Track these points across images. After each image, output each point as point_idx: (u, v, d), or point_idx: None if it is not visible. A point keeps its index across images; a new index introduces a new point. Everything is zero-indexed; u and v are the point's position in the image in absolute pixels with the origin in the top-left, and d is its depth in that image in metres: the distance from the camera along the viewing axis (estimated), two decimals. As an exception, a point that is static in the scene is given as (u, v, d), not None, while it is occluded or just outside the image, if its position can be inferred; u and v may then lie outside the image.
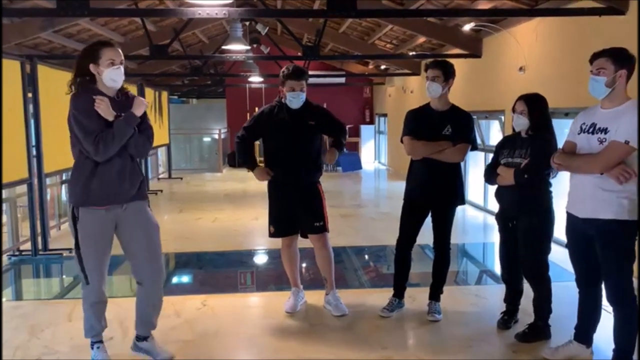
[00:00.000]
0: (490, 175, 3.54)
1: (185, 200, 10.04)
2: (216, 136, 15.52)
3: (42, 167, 5.90)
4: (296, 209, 3.91)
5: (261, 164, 4.02)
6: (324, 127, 3.98)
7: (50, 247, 6.09)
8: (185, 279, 5.56)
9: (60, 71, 6.33)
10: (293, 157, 3.86)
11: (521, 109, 3.37)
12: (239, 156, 4.06)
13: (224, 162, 15.41)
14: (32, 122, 5.76)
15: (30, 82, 5.72)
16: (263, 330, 3.79)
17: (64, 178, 7.99)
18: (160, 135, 12.42)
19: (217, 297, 4.48)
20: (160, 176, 13.53)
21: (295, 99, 3.79)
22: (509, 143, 3.52)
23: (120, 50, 3.00)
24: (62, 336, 3.70)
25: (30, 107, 5.75)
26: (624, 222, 2.80)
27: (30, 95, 5.74)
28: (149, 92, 11.35)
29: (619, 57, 2.79)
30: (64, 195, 8.16)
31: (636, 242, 2.85)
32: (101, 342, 3.24)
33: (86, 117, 2.87)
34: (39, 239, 5.96)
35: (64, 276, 5.67)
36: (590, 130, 2.88)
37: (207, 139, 16.76)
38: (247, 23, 9.91)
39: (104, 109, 2.88)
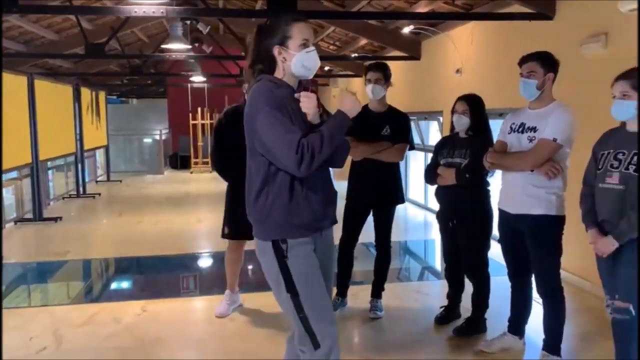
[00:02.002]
0: (431, 175, 3.62)
1: (125, 204, 9.76)
2: (157, 137, 15.16)
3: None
4: None
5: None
6: None
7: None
8: (125, 284, 5.40)
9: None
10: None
11: (462, 109, 3.46)
12: (214, 166, 4.02)
13: (166, 164, 15.08)
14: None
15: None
16: (206, 334, 3.74)
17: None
18: (98, 136, 12.02)
19: (159, 302, 4.38)
20: (99, 179, 13.09)
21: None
22: (448, 143, 3.61)
23: (311, 27, 2.22)
24: None
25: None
26: (553, 217, 2.95)
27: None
28: (85, 92, 10.97)
29: (547, 61, 2.94)
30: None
31: (563, 237, 3.01)
32: None
33: (280, 113, 2.04)
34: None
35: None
36: (520, 129, 3.02)
37: (148, 140, 16.35)
38: (188, 22, 9.73)
39: (313, 109, 2.13)
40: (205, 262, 6.00)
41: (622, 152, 2.52)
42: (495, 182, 3.53)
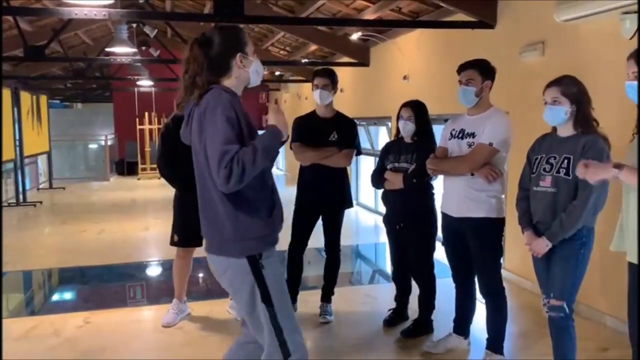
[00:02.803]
0: (378, 179, 3.67)
1: (69, 212, 9.42)
2: (103, 142, 14.71)
3: None
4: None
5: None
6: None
7: None
8: (68, 295, 5.20)
9: None
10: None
11: (408, 114, 3.52)
12: (163, 173, 3.90)
13: (112, 170, 14.66)
14: None
15: None
16: (153, 344, 3.66)
17: None
18: (40, 142, 11.57)
19: (103, 312, 4.25)
20: (41, 186, 12.58)
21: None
22: (394, 148, 3.66)
23: None
24: None
25: None
26: (493, 220, 3.05)
27: None
28: (25, 96, 10.54)
29: (484, 69, 3.05)
30: None
31: (503, 238, 3.11)
32: None
33: (227, 123, 1.99)
34: None
35: None
36: (460, 135, 3.11)
37: (93, 146, 15.85)
38: (134, 25, 9.52)
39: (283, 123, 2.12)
40: (152, 271, 5.86)
41: (553, 157, 2.63)
42: (439, 185, 3.62)
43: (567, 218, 2.54)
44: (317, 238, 3.98)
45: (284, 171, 14.78)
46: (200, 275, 5.18)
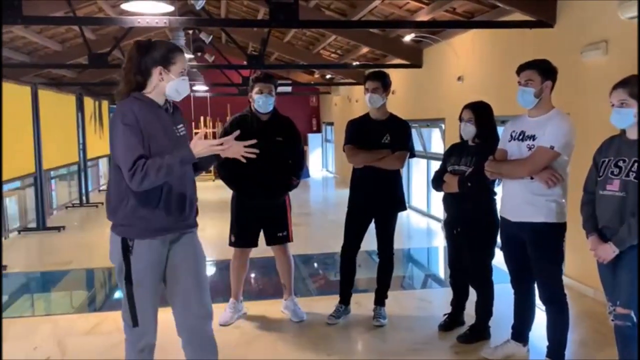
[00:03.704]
0: (437, 182, 3.63)
1: (129, 213, 9.76)
2: (160, 146, 15.18)
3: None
4: (259, 221, 3.92)
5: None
6: (288, 148, 3.89)
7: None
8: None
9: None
10: (257, 171, 3.73)
11: (468, 117, 3.46)
12: (219, 172, 3.96)
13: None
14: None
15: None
16: (209, 343, 3.75)
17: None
18: (101, 145, 12.07)
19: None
20: (102, 188, 13.11)
21: (262, 101, 3.76)
22: (457, 150, 3.61)
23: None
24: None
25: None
26: (553, 225, 2.95)
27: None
28: (88, 101, 11.03)
29: (544, 69, 2.96)
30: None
31: (564, 243, 3.01)
32: None
33: (129, 131, 2.30)
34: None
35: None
36: (520, 137, 3.03)
37: (151, 149, 16.34)
38: (191, 32, 9.80)
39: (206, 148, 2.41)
40: (208, 271, 6.00)
41: (622, 160, 2.53)
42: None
43: (637, 223, 2.43)
44: (367, 241, 3.97)
45: (334, 174, 14.82)
46: (256, 275, 5.27)
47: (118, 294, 5.35)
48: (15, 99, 7.12)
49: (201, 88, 12.34)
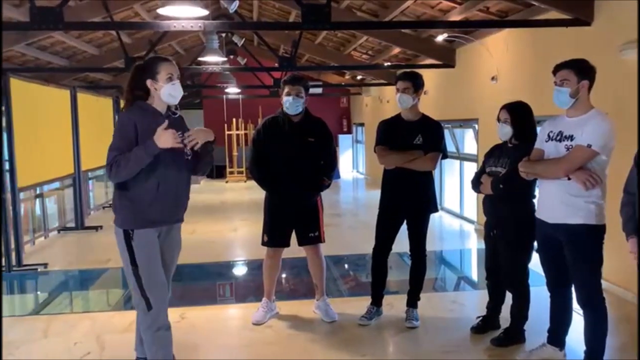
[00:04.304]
0: (475, 183, 3.59)
1: (163, 213, 9.94)
2: (194, 148, 15.42)
3: (16, 181, 5.81)
4: (291, 221, 3.96)
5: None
6: (320, 149, 3.91)
7: (25, 262, 6.00)
8: (164, 292, 5.51)
9: (33, 84, 6.26)
10: (289, 172, 3.84)
11: (504, 117, 3.42)
12: (252, 174, 4.02)
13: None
14: (4, 136, 5.68)
15: (2, 96, 5.65)
16: (242, 341, 3.80)
17: (37, 192, 7.90)
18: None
19: (196, 309, 4.46)
20: (137, 189, 13.39)
21: (289, 103, 3.79)
22: (497, 152, 3.55)
23: (176, 65, 2.88)
24: (38, 353, 3.64)
25: (3, 121, 5.67)
26: (592, 227, 2.89)
27: (2, 108, 5.66)
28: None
29: (581, 69, 2.90)
30: (38, 210, 8.05)
31: (603, 246, 2.94)
32: None
33: (119, 134, 2.74)
34: (13, 254, 5.86)
35: (39, 292, 5.59)
36: (558, 137, 2.98)
37: (184, 151, 16.59)
38: (224, 35, 9.94)
39: (170, 141, 2.70)
40: (241, 270, 6.07)
41: None
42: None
43: None
44: (399, 243, 3.96)
45: (365, 175, 14.79)
46: (288, 275, 5.31)
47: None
48: (55, 102, 7.34)
49: (233, 90, 12.51)
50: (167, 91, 2.78)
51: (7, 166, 5.74)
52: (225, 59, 9.12)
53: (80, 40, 8.47)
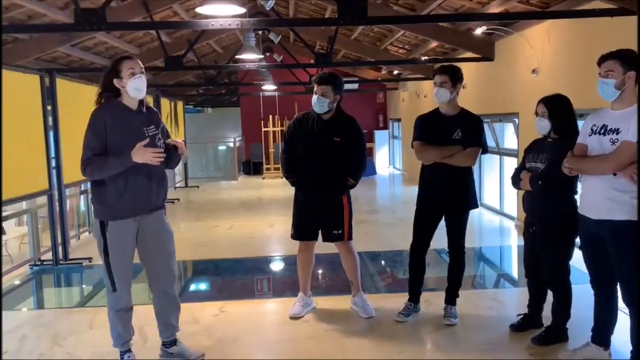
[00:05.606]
0: (515, 179, 3.51)
1: (202, 209, 10.14)
2: (231, 144, 15.65)
3: (62, 178, 6.02)
4: (316, 218, 3.99)
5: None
6: (347, 149, 3.89)
7: (71, 256, 6.21)
8: (203, 286, 5.63)
9: (78, 84, 6.46)
10: (314, 169, 3.89)
11: (542, 111, 3.34)
12: (283, 171, 4.13)
13: (240, 170, 15.54)
14: (51, 134, 5.88)
15: (49, 96, 5.86)
16: (280, 336, 3.84)
17: (82, 189, 8.15)
18: (177, 145, 12.55)
19: (235, 303, 4.53)
20: (177, 185, 13.67)
21: (314, 103, 3.84)
22: (537, 147, 3.47)
23: (139, 61, 3.09)
24: (85, 344, 3.77)
25: (50, 120, 5.88)
26: (638, 223, 2.79)
27: (49, 108, 5.87)
28: (165, 102, 11.51)
29: (627, 60, 2.80)
30: (83, 206, 8.31)
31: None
32: (130, 350, 3.32)
33: (90, 132, 2.99)
34: (60, 249, 6.08)
35: (84, 285, 5.78)
36: (602, 131, 2.89)
37: (222, 148, 16.90)
38: (260, 32, 10.01)
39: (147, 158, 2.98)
40: (278, 266, 6.13)
41: None
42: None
43: None
44: (437, 239, 3.92)
45: (402, 171, 14.67)
46: (324, 271, 5.33)
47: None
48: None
49: (270, 87, 12.60)
50: (132, 86, 2.99)
51: (54, 164, 5.95)
52: (262, 56, 9.20)
53: (122, 40, 8.69)
